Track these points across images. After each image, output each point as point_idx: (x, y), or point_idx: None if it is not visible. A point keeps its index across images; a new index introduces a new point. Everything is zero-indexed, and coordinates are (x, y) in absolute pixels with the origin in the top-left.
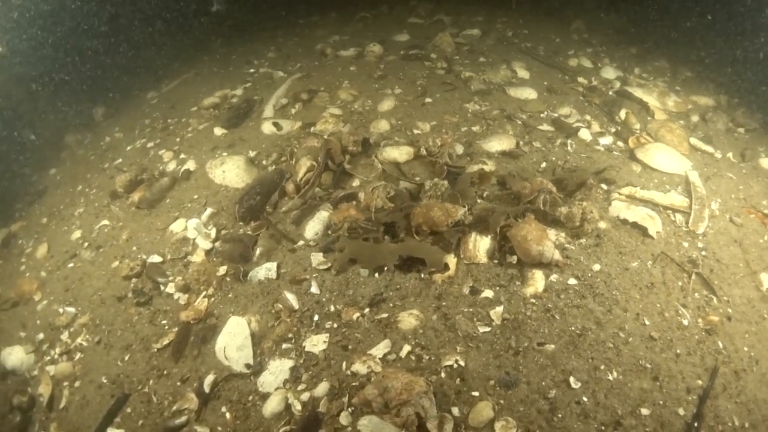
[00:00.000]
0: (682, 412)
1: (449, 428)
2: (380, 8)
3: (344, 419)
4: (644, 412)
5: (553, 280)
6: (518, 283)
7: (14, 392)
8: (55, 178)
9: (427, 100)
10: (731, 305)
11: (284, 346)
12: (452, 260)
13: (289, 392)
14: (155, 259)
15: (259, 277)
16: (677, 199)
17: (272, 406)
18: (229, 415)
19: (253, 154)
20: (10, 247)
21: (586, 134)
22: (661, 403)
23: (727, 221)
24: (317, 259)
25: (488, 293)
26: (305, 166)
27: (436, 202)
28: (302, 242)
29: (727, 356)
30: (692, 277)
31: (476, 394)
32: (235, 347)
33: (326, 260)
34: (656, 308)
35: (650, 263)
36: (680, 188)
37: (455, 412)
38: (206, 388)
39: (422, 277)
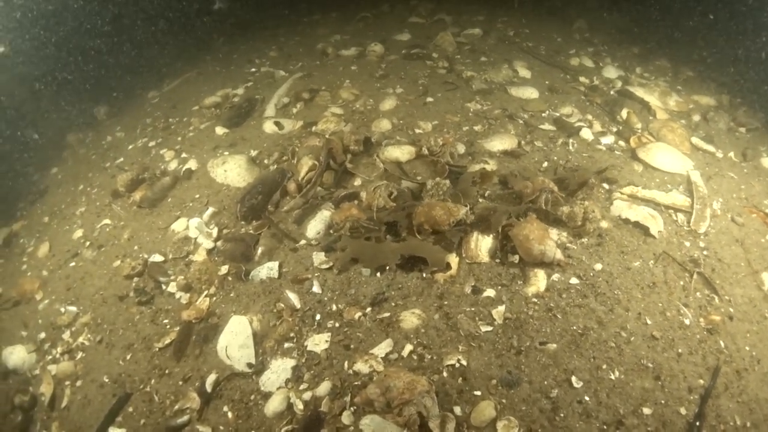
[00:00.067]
0: (683, 411)
1: (451, 428)
2: (381, 7)
3: (346, 418)
4: (646, 411)
5: (555, 279)
6: (520, 282)
7: (16, 391)
8: (56, 177)
9: (428, 99)
10: (733, 305)
11: (286, 345)
12: (454, 260)
13: (291, 391)
14: (157, 258)
15: (260, 276)
16: (679, 198)
17: (274, 405)
18: (231, 414)
19: (254, 153)
20: (11, 246)
21: (587, 134)
22: (663, 402)
23: (728, 221)
24: (319, 258)
25: (490, 292)
26: (307, 165)
27: (437, 201)
28: (304, 241)
29: (728, 356)
30: (694, 276)
31: (478, 393)
32: (236, 346)
33: (328, 259)
34: (658, 308)
35: (652, 263)
36: (682, 188)
37: (457, 411)
38: (208, 387)
39: (424, 276)
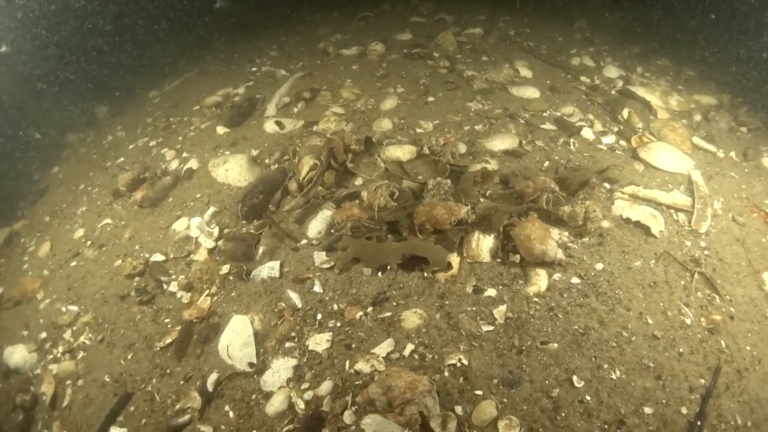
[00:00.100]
0: (684, 411)
1: (452, 427)
2: (382, 7)
3: (348, 418)
4: (647, 410)
5: (556, 279)
6: (521, 282)
7: (17, 391)
8: (57, 176)
9: (429, 99)
10: (734, 304)
11: (287, 344)
12: (455, 259)
13: (292, 391)
14: (158, 257)
15: (262, 275)
16: (680, 198)
17: (275, 404)
18: (232, 413)
19: (255, 152)
20: (12, 245)
21: (588, 133)
22: (664, 402)
23: (729, 220)
24: (320, 257)
25: (491, 292)
26: (308, 164)
27: (439, 200)
28: (305, 241)
29: (729, 355)
30: (695, 276)
31: (479, 392)
32: (238, 346)
33: (329, 259)
34: (659, 307)
35: (653, 262)
36: (683, 187)
37: (459, 410)
38: (209, 386)
39: (425, 276)
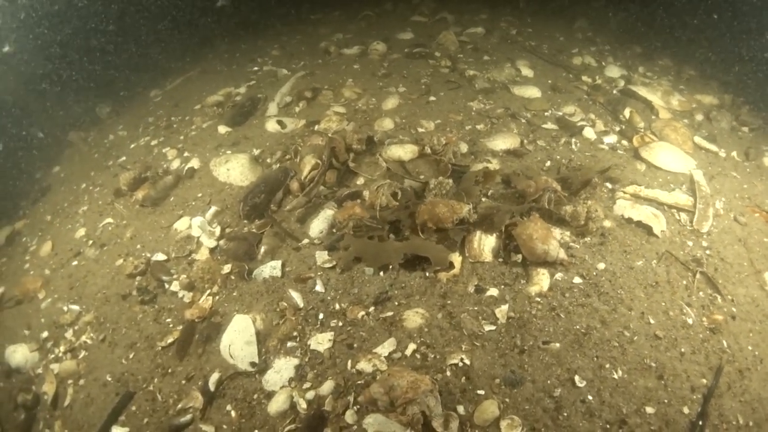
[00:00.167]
0: (686, 410)
1: (455, 427)
2: (384, 6)
3: (350, 418)
4: (649, 410)
5: (558, 278)
6: (523, 281)
7: (19, 390)
8: (59, 175)
9: (431, 98)
10: (735, 304)
11: (289, 344)
12: (457, 259)
13: (294, 390)
14: (159, 257)
15: (263, 275)
16: (681, 197)
17: (277, 404)
18: (234, 413)
19: (257, 152)
20: (14, 244)
21: (590, 133)
22: (666, 401)
23: (731, 220)
24: (322, 257)
25: (493, 292)
26: (310, 164)
27: (441, 199)
28: (307, 240)
29: (731, 355)
30: (697, 276)
31: (482, 392)
32: (239, 345)
33: (331, 258)
34: (661, 307)
35: (655, 262)
36: (684, 187)
37: (461, 410)
38: (211, 386)
39: (427, 275)
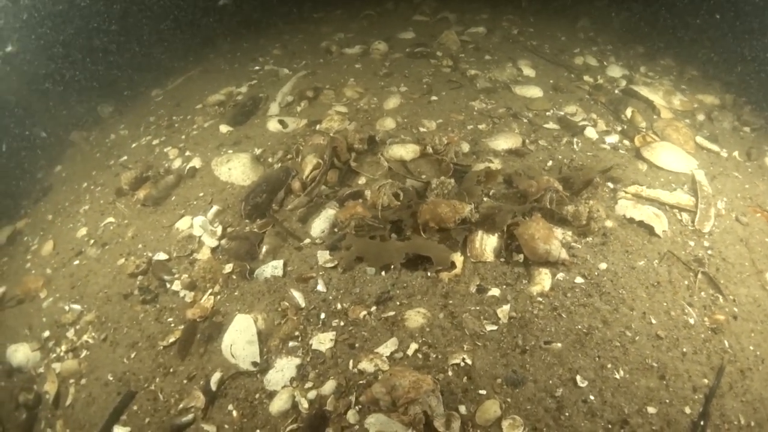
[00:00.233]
0: (688, 410)
1: (456, 426)
2: (385, 5)
3: (351, 417)
4: (651, 410)
5: (559, 278)
6: (525, 281)
7: (20, 390)
8: (60, 175)
9: (432, 98)
10: (737, 304)
11: (291, 344)
12: (459, 259)
13: (296, 390)
14: (161, 256)
15: (265, 274)
16: (683, 197)
17: (279, 404)
18: (235, 413)
19: (258, 151)
20: (15, 244)
21: (592, 133)
22: (667, 401)
23: (733, 220)
24: (324, 257)
25: (495, 292)
26: (311, 163)
27: (442, 199)
28: (308, 240)
29: (733, 355)
30: (698, 276)
31: (483, 392)
32: (241, 345)
33: (333, 258)
34: (663, 307)
35: (656, 262)
36: (686, 187)
37: (462, 410)
38: (213, 385)
39: (429, 275)
